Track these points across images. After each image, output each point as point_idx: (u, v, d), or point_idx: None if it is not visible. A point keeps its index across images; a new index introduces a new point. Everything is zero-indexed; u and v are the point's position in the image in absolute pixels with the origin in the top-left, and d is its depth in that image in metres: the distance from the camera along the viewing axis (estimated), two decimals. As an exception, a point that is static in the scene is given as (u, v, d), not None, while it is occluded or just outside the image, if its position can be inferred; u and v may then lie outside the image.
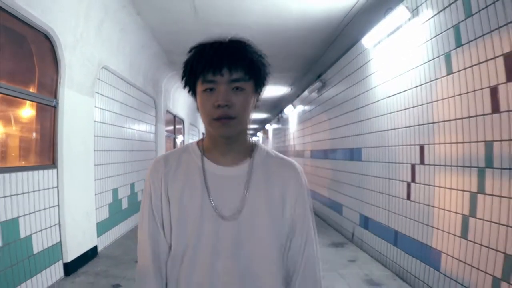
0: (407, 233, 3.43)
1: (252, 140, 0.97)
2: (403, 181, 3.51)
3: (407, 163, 3.43)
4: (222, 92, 0.83)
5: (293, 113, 10.18)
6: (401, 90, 3.52)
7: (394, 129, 3.67)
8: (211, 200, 0.88)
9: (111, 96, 4.74)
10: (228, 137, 0.89)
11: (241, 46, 0.87)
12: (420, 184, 3.21)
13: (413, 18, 3.26)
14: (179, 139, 10.93)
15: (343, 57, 5.38)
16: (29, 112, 3.26)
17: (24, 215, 2.90)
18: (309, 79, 7.64)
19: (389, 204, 3.82)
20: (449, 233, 2.80)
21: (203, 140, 0.97)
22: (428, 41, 3.04)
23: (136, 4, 4.28)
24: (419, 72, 3.18)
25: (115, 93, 4.89)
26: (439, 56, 2.89)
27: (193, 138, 13.60)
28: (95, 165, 4.16)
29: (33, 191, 3.02)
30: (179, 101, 9.93)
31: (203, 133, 17.67)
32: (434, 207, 3.00)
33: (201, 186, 0.89)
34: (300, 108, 9.10)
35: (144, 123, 6.44)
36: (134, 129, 5.82)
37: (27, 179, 2.94)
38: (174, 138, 10.26)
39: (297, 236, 0.92)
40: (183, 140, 11.34)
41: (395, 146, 3.67)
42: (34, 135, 3.32)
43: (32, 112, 3.28)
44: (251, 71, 0.85)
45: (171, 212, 0.90)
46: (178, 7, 4.33)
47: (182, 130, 11.39)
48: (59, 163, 3.39)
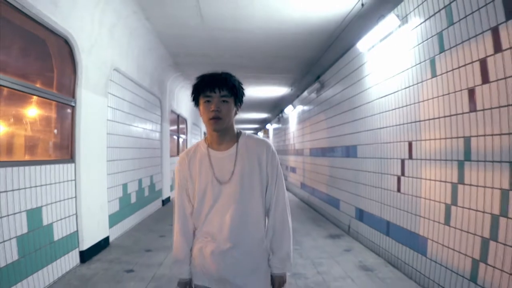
0: (398, 223, 3.71)
1: (237, 130, 1.50)
2: (394, 175, 3.80)
3: (397, 158, 3.72)
4: (215, 102, 1.36)
5: (293, 113, 10.46)
6: (392, 91, 3.81)
7: (386, 127, 3.96)
8: (214, 174, 1.42)
9: (121, 96, 5.03)
10: (219, 131, 1.41)
11: (227, 76, 1.40)
12: (409, 177, 3.50)
13: (403, 25, 3.55)
14: (182, 138, 11.20)
15: (340, 59, 5.67)
16: (52, 111, 3.54)
17: (46, 204, 3.19)
18: (308, 80, 7.93)
19: (381, 196, 4.10)
20: (434, 221, 3.07)
21: (206, 138, 1.51)
22: (415, 46, 3.33)
23: (146, 10, 4.57)
24: (408, 75, 3.47)
25: (124, 94, 5.18)
26: (425, 61, 3.17)
27: (195, 137, 13.87)
28: (107, 161, 4.45)
29: (54, 183, 3.31)
30: (182, 101, 10.22)
31: (204, 132, 17.99)
32: (421, 198, 3.28)
33: (209, 165, 1.43)
34: (299, 108, 9.38)
35: (150, 122, 6.73)
36: (141, 128, 6.11)
37: (49, 171, 3.22)
38: (178, 138, 10.54)
39: (270, 185, 1.46)
40: (186, 139, 11.63)
41: (386, 143, 3.95)
42: (55, 132, 3.60)
43: (54, 111, 3.57)
44: (232, 91, 1.39)
45: (194, 186, 1.45)
46: (184, 13, 4.61)
47: (185, 129, 11.67)
48: (76, 158, 3.68)
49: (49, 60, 3.48)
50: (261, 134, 23.27)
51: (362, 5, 4.10)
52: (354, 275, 3.50)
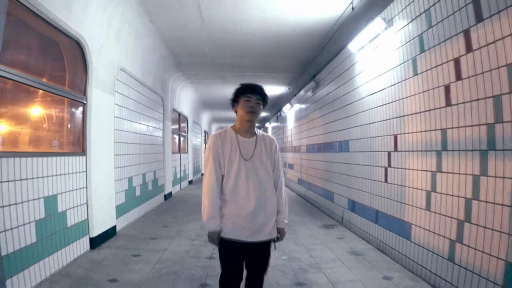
0: (386, 211, 4.00)
1: (256, 128, 2.14)
2: (381, 166, 4.09)
3: (384, 151, 4.01)
4: (253, 101, 2.01)
5: (290, 112, 10.75)
6: (379, 89, 4.10)
7: (374, 122, 4.25)
8: (241, 152, 2.01)
9: (127, 94, 5.32)
10: (251, 121, 2.05)
11: (261, 87, 2.07)
12: (395, 168, 3.79)
13: (389, 28, 3.84)
14: (183, 137, 11.48)
15: (333, 59, 5.97)
16: (66, 108, 3.82)
17: (61, 193, 3.47)
18: (304, 79, 8.22)
19: (371, 187, 4.39)
20: (417, 207, 3.36)
21: (234, 126, 2.10)
22: (400, 47, 3.62)
23: (150, 13, 4.86)
24: (393, 74, 3.76)
25: (130, 92, 5.47)
26: (407, 60, 3.46)
27: (196, 136, 14.15)
28: (115, 155, 4.74)
29: (68, 174, 3.59)
30: (184, 100, 10.50)
31: (205, 131, 18.15)
32: (406, 186, 3.57)
33: (237, 146, 2.02)
34: (297, 106, 9.67)
35: (153, 119, 7.02)
36: (145, 125, 6.40)
37: (64, 163, 3.51)
38: (179, 136, 10.82)
39: (276, 168, 2.12)
40: (187, 137, 11.90)
41: (375, 137, 4.24)
42: (69, 127, 3.89)
43: (68, 108, 3.85)
44: (263, 97, 2.05)
45: (224, 159, 2.00)
46: (186, 15, 4.90)
47: (186, 128, 11.95)
48: (87, 151, 3.96)
49: (62, 61, 3.77)
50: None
51: (353, 8, 4.39)
52: (344, 258, 3.79)
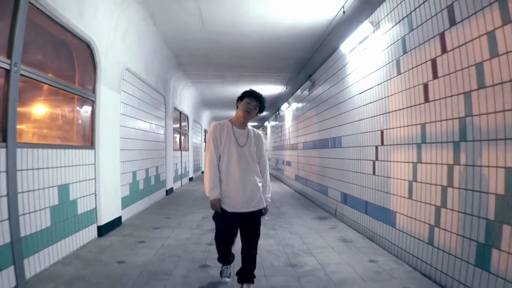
0: (374, 201, 4.28)
1: (248, 125, 2.66)
2: (370, 160, 4.37)
3: (372, 146, 4.29)
4: (252, 105, 2.57)
5: (288, 110, 11.04)
6: (368, 87, 4.39)
7: (364, 119, 4.54)
8: (237, 140, 2.55)
9: (131, 93, 5.63)
10: (245, 119, 2.58)
11: (263, 98, 2.63)
12: (381, 161, 4.07)
13: (376, 31, 4.13)
14: (184, 135, 11.75)
15: (327, 60, 6.26)
16: (78, 104, 4.12)
17: (72, 182, 3.76)
18: (301, 79, 8.51)
19: (361, 180, 4.68)
20: (401, 196, 3.64)
21: (231, 119, 2.62)
22: (386, 49, 3.91)
23: (154, 16, 5.15)
24: (380, 73, 4.05)
25: (134, 91, 5.77)
26: (392, 61, 3.75)
27: (196, 134, 14.44)
28: (120, 150, 5.03)
29: (78, 165, 3.88)
30: (184, 99, 10.79)
31: (205, 130, 18.40)
32: (391, 178, 3.85)
33: (232, 135, 2.55)
34: (294, 105, 9.96)
35: (156, 117, 7.32)
36: (148, 122, 6.70)
37: (75, 155, 3.80)
38: (180, 135, 11.10)
39: (261, 157, 2.66)
40: (188, 135, 12.18)
41: (364, 132, 4.53)
42: (80, 122, 4.19)
43: (79, 105, 4.15)
44: (261, 105, 2.61)
45: (221, 142, 2.53)
46: (188, 18, 5.20)
47: (187, 126, 12.24)
48: (96, 145, 4.26)
49: (72, 61, 4.06)
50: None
51: (344, 12, 4.69)
52: (334, 245, 4.08)
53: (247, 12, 4.90)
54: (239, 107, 2.58)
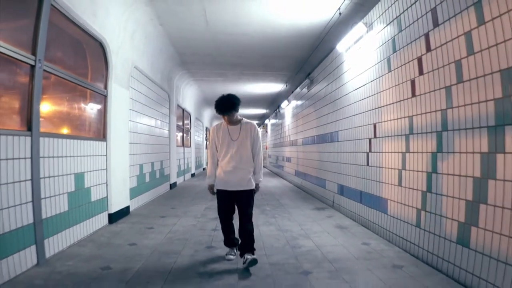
0: (368, 191, 4.57)
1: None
2: (364, 152, 4.67)
3: (366, 138, 4.59)
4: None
5: (288, 108, 11.33)
6: (362, 84, 4.68)
7: (358, 114, 4.83)
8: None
9: (139, 89, 5.93)
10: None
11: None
12: (374, 152, 4.36)
13: (369, 31, 4.42)
14: (187, 133, 12.03)
15: (325, 59, 6.55)
16: (92, 100, 4.41)
17: (87, 171, 4.05)
18: (300, 77, 8.80)
19: (356, 171, 4.97)
20: (391, 184, 3.92)
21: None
22: (378, 48, 4.20)
23: (160, 17, 5.45)
24: (373, 71, 4.34)
25: (141, 88, 6.08)
26: (383, 59, 4.04)
27: (198, 132, 14.72)
28: (129, 143, 5.33)
29: (92, 155, 4.18)
30: (187, 96, 11.09)
31: (206, 128, 18.69)
32: (383, 167, 4.14)
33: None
34: (294, 103, 10.25)
35: (161, 114, 7.62)
36: (154, 118, 7.00)
37: (89, 146, 4.10)
38: (183, 131, 11.39)
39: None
40: (190, 132, 12.46)
41: (359, 126, 4.83)
42: (93, 116, 4.48)
43: (93, 100, 4.45)
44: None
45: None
46: (192, 19, 5.49)
47: (189, 124, 12.53)
48: (107, 137, 4.55)
49: (85, 59, 4.35)
50: (260, 131, 24.30)
51: (340, 13, 4.98)
52: (330, 230, 4.37)
53: (248, 13, 5.19)
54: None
